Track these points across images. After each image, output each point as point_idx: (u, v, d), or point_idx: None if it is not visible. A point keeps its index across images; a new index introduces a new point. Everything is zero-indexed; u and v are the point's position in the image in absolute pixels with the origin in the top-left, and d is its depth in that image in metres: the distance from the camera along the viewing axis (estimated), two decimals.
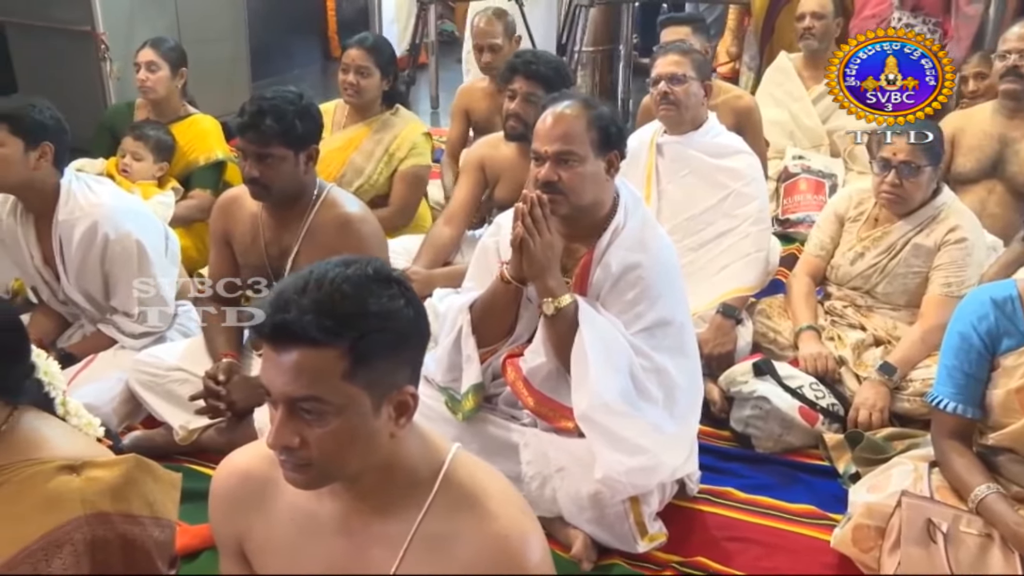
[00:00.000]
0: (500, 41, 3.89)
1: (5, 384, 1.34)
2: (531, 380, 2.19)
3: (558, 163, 2.08)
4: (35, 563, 1.26)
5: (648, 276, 2.12)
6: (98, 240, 2.56)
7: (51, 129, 2.50)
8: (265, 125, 2.30)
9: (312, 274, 1.14)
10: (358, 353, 1.12)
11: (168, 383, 2.54)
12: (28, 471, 1.32)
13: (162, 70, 3.52)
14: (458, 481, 1.25)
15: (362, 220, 2.47)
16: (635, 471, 2.04)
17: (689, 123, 3.01)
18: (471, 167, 3.19)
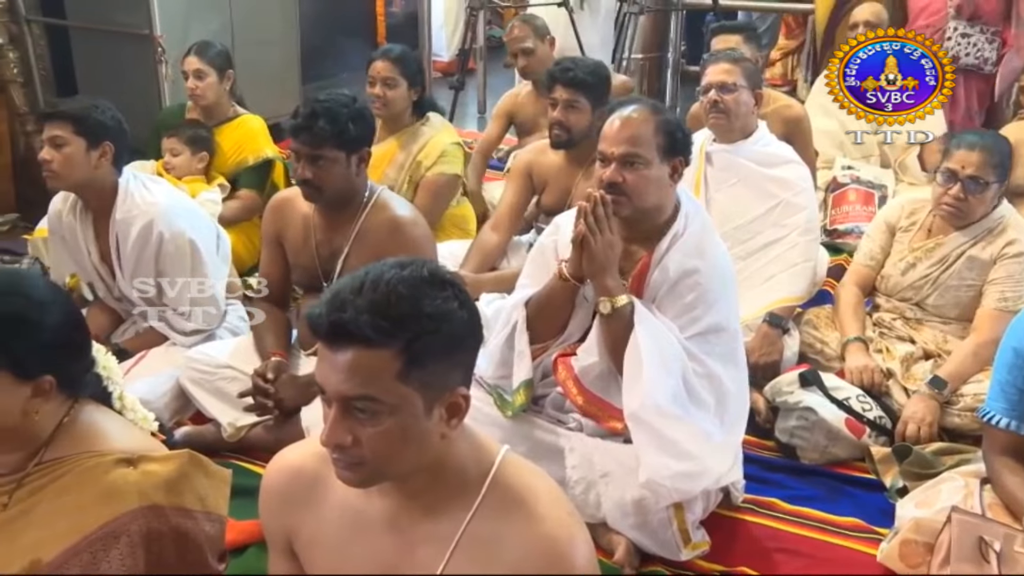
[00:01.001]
0: (531, 44, 3.91)
1: (67, 378, 1.37)
2: (582, 379, 2.20)
3: (623, 165, 2.11)
4: (94, 552, 1.29)
5: (705, 282, 2.13)
6: (153, 238, 2.62)
7: (112, 129, 2.56)
8: (318, 127, 2.34)
9: (368, 275, 1.16)
10: (412, 354, 1.13)
11: (217, 380, 2.58)
12: (88, 463, 1.36)
13: (210, 76, 3.57)
14: (506, 483, 1.25)
15: (413, 223, 2.49)
16: (680, 476, 2.04)
17: (739, 132, 3.00)
18: (518, 173, 3.20)
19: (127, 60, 4.50)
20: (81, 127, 2.51)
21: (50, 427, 1.37)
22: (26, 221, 4.17)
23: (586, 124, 2.97)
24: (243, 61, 4.74)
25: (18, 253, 3.76)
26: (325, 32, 6.08)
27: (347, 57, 6.00)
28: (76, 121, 2.50)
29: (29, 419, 1.33)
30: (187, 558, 1.39)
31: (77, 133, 2.50)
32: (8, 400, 1.30)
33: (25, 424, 1.33)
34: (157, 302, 2.72)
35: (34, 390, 1.32)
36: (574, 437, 2.22)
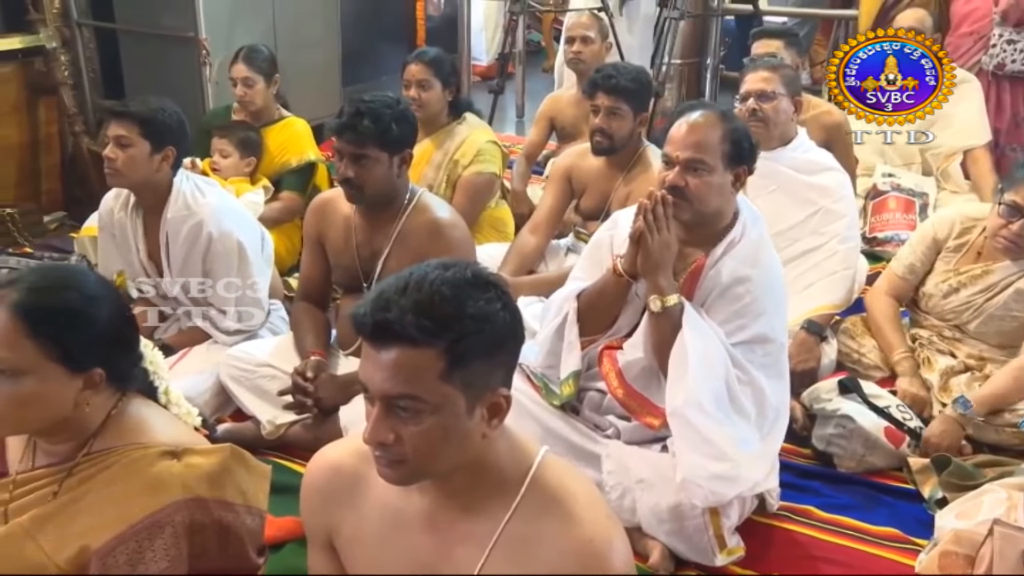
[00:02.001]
0: (593, 35, 3.91)
1: (117, 371, 1.40)
2: (625, 373, 2.21)
3: (687, 169, 2.11)
4: (140, 541, 1.32)
5: (756, 291, 2.14)
6: (202, 238, 2.66)
7: (176, 134, 2.62)
8: (362, 126, 2.37)
9: (412, 276, 1.17)
10: (455, 354, 1.15)
11: (257, 378, 2.62)
12: (134, 455, 1.39)
13: (258, 84, 3.62)
14: (545, 483, 1.26)
15: (452, 225, 2.52)
16: (716, 478, 2.04)
17: (778, 139, 2.98)
18: (558, 177, 3.21)
19: (172, 62, 4.57)
20: (148, 129, 2.55)
21: (99, 419, 1.40)
22: (73, 219, 4.26)
23: (628, 131, 2.98)
24: (285, 63, 4.79)
25: (66, 251, 3.83)
26: (365, 36, 6.13)
27: (386, 60, 6.05)
28: (143, 123, 2.55)
29: (80, 410, 1.36)
30: (228, 550, 1.42)
31: (143, 135, 2.55)
32: (61, 392, 1.34)
33: (76, 415, 1.36)
34: (202, 301, 2.77)
35: (85, 382, 1.35)
36: (611, 444, 2.23)
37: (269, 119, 3.72)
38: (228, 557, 1.43)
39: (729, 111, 2.28)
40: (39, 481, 1.41)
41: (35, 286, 1.35)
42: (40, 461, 1.43)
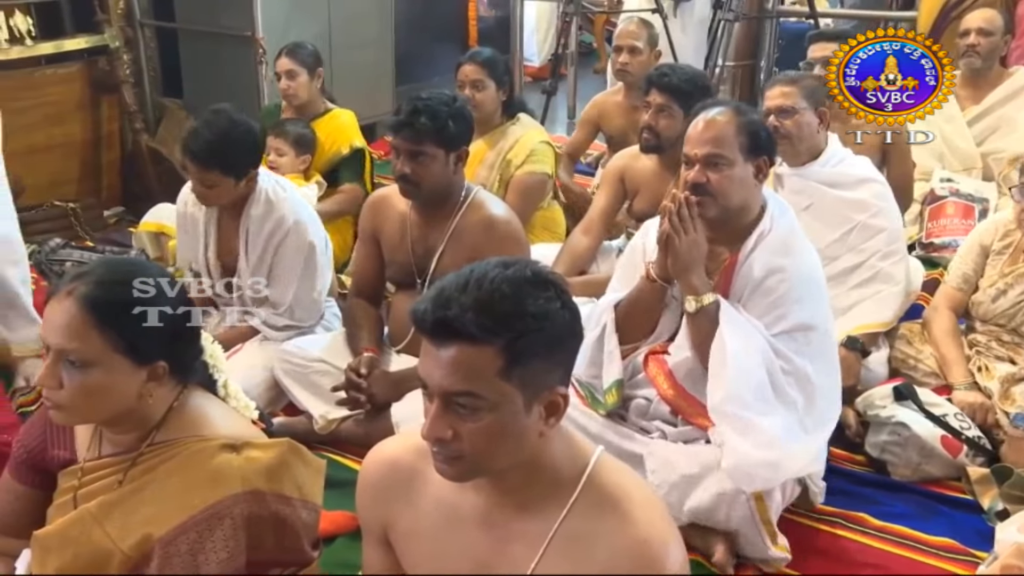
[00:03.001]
0: (641, 45, 3.89)
1: (179, 364, 1.43)
2: (675, 373, 2.21)
3: (707, 166, 2.12)
4: (200, 531, 1.35)
5: (791, 279, 2.13)
6: (279, 234, 2.71)
7: (254, 156, 2.66)
8: (420, 123, 2.39)
9: (472, 273, 1.18)
10: (514, 352, 1.15)
11: (311, 374, 2.65)
12: (195, 447, 1.41)
13: (301, 76, 3.68)
14: (601, 483, 1.26)
15: (507, 223, 2.53)
16: (763, 464, 2.04)
17: (805, 154, 2.87)
18: (611, 178, 3.21)
19: (230, 61, 4.66)
20: (227, 168, 2.59)
21: (161, 410, 1.43)
22: (131, 215, 4.35)
23: (676, 131, 2.92)
24: (340, 63, 4.87)
25: (125, 245, 3.92)
26: (418, 36, 6.17)
27: (439, 61, 6.09)
28: (223, 165, 2.57)
29: (143, 402, 1.39)
30: (284, 543, 1.44)
31: (225, 174, 2.59)
32: (126, 383, 1.37)
33: (140, 406, 1.39)
34: (259, 301, 2.80)
35: (149, 374, 1.39)
36: (653, 443, 2.23)
37: (315, 112, 3.77)
38: (284, 549, 1.45)
39: (743, 105, 2.29)
40: (105, 469, 1.44)
41: (103, 279, 1.38)
42: (106, 450, 1.47)
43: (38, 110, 4.16)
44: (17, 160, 3.94)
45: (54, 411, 1.38)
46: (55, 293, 1.37)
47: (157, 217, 3.59)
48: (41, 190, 4.11)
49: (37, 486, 1.52)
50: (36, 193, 4.06)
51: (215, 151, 2.55)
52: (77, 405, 1.36)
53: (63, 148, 4.31)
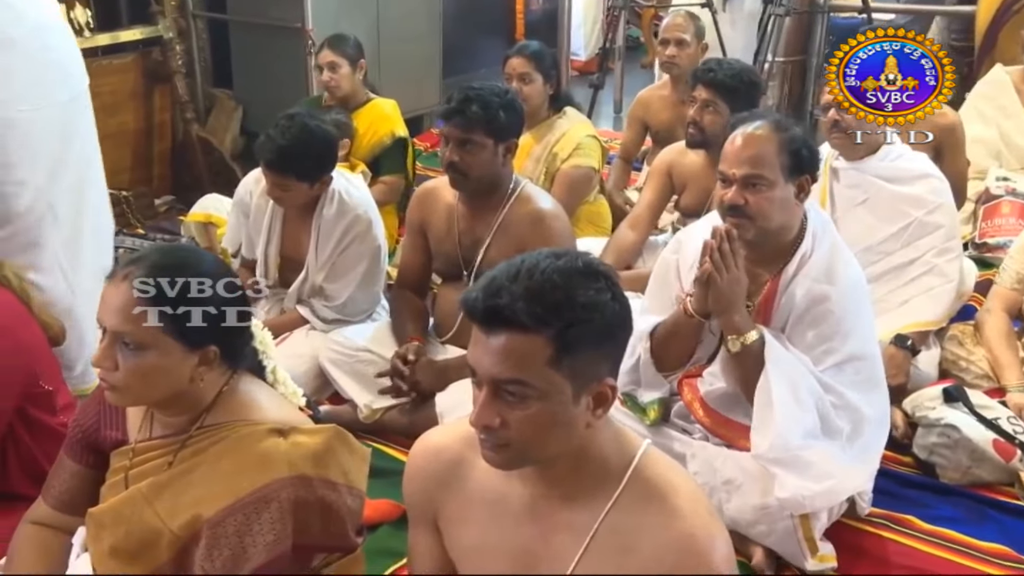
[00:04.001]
0: (688, 38, 3.84)
1: (229, 349, 1.45)
2: (707, 400, 2.18)
3: (746, 187, 2.04)
4: (247, 514, 1.37)
5: (838, 310, 2.06)
6: (351, 234, 2.74)
7: (327, 162, 2.68)
8: (471, 111, 2.40)
9: (524, 263, 1.18)
10: (564, 342, 1.15)
11: (356, 363, 2.67)
12: (243, 430, 1.43)
13: (343, 67, 3.70)
14: (647, 476, 1.26)
15: (555, 217, 2.52)
16: (819, 495, 2.01)
17: (864, 148, 2.81)
18: (658, 173, 3.19)
19: (279, 52, 4.70)
20: (303, 175, 2.62)
21: (211, 394, 1.45)
22: (181, 203, 4.42)
23: (722, 127, 2.88)
24: (387, 56, 4.90)
25: (175, 233, 3.98)
26: (466, 29, 6.19)
27: (486, 54, 6.10)
28: (298, 171, 2.61)
29: (195, 385, 1.41)
30: (329, 528, 1.45)
31: (300, 180, 2.63)
32: (178, 366, 1.39)
33: (191, 389, 1.42)
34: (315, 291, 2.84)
35: (200, 358, 1.41)
36: (696, 444, 2.21)
37: (357, 103, 3.79)
38: (329, 535, 1.46)
39: (784, 119, 2.16)
40: (156, 451, 1.47)
41: (157, 264, 1.41)
42: (157, 432, 1.49)
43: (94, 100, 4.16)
44: None
45: (109, 391, 1.41)
46: (111, 277, 1.40)
47: (205, 207, 3.64)
48: None
49: (91, 465, 1.56)
50: None
51: (289, 158, 2.59)
52: (131, 386, 1.39)
53: (116, 137, 4.39)
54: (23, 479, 1.85)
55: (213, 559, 1.37)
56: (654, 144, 3.98)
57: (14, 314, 1.80)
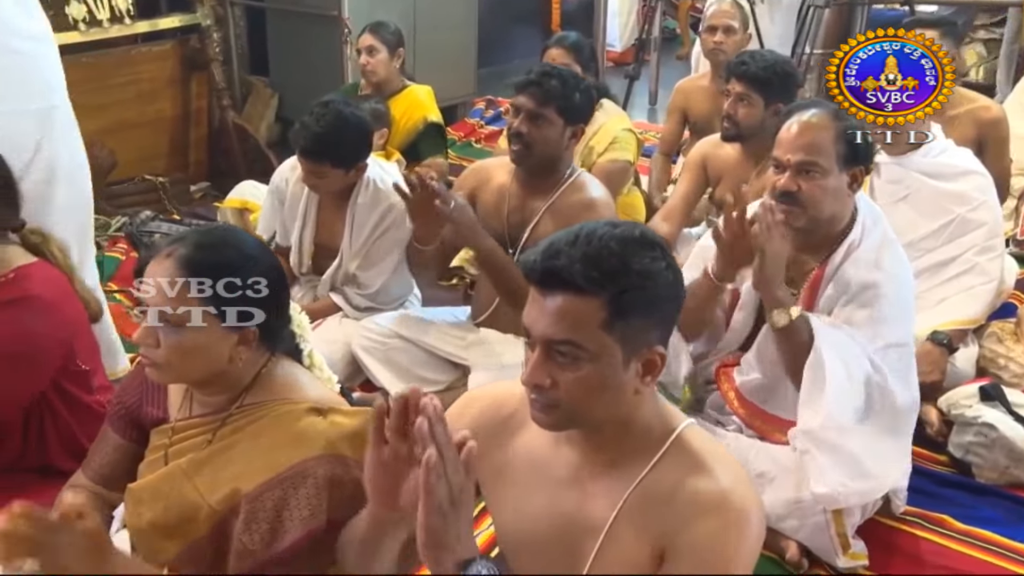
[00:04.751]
0: (736, 25, 3.81)
1: (269, 330, 1.46)
2: (743, 391, 2.17)
3: (799, 173, 2.03)
4: (285, 489, 1.38)
5: (884, 298, 2.05)
6: (387, 220, 2.76)
7: (362, 149, 2.70)
8: (550, 85, 2.42)
9: (583, 229, 1.20)
10: (618, 306, 1.17)
11: (388, 350, 2.69)
12: (282, 409, 1.45)
13: (381, 53, 3.73)
14: (688, 444, 1.27)
15: (606, 205, 2.54)
16: (858, 493, 2.00)
17: (906, 143, 2.78)
18: (693, 165, 3.17)
19: (315, 40, 4.73)
20: (339, 161, 2.64)
21: (251, 374, 1.46)
22: (216, 190, 4.46)
23: (756, 120, 2.89)
24: (423, 45, 4.90)
25: (210, 219, 4.01)
26: (502, 19, 6.19)
27: (522, 44, 6.10)
28: (333, 158, 2.63)
29: (234, 365, 1.42)
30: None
31: (335, 166, 2.65)
32: (218, 345, 1.40)
33: (230, 369, 1.43)
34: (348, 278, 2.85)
35: (240, 338, 1.42)
36: (729, 436, 2.20)
37: (392, 90, 3.81)
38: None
39: (841, 109, 2.15)
40: (195, 429, 1.48)
41: (200, 243, 1.42)
42: (196, 411, 1.51)
43: (133, 87, 4.29)
44: (111, 135, 4.09)
45: (150, 369, 1.42)
46: (155, 255, 1.41)
47: (241, 193, 3.67)
48: (132, 164, 4.25)
49: (133, 440, 1.58)
50: (128, 167, 4.19)
51: (324, 145, 2.61)
52: (172, 363, 1.40)
53: (154, 124, 4.44)
54: (62, 454, 1.88)
55: (251, 532, 1.38)
56: (692, 135, 3.95)
57: (61, 290, 1.83)
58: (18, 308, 1.77)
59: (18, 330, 1.75)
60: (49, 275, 1.83)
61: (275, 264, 1.49)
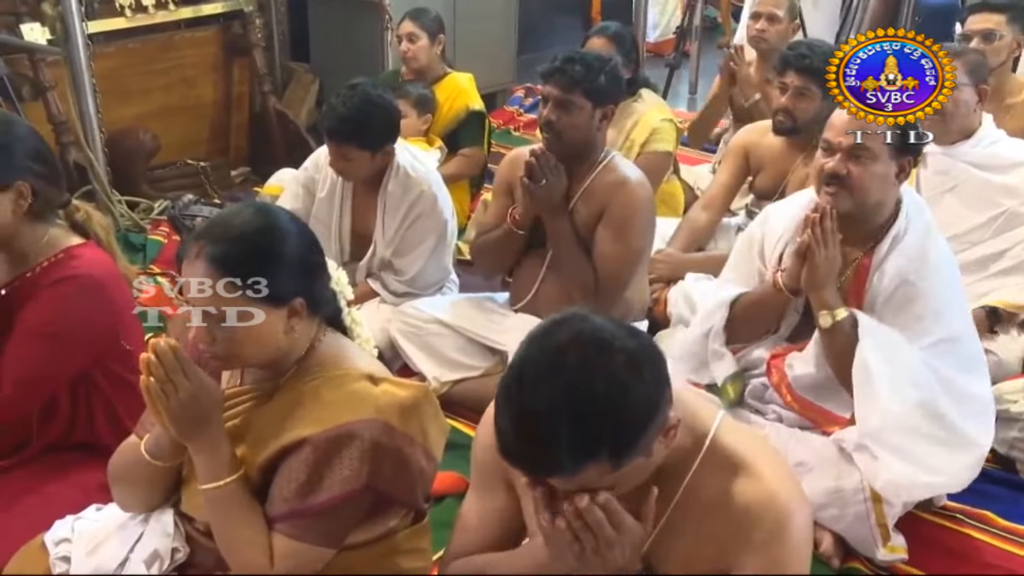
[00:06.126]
0: (781, 13, 3.73)
1: (313, 298, 1.47)
2: (795, 387, 2.15)
3: (850, 157, 2.02)
4: (329, 447, 1.40)
5: (931, 290, 2.03)
6: (417, 209, 2.76)
7: (390, 131, 2.70)
8: (573, 70, 2.42)
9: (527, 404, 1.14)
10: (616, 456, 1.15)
11: (427, 335, 2.70)
12: (336, 373, 1.47)
13: (422, 40, 3.73)
14: (724, 446, 1.26)
15: (639, 185, 2.53)
16: (925, 486, 2.00)
17: (957, 133, 2.74)
18: (734, 154, 3.14)
19: (356, 26, 4.74)
20: (364, 142, 2.65)
21: (304, 345, 1.49)
22: (256, 175, 4.50)
23: (814, 113, 2.81)
24: (463, 34, 4.90)
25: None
26: (542, 7, 6.16)
27: (561, 32, 6.07)
28: (361, 140, 2.65)
29: (290, 338, 1.45)
30: (400, 481, 1.47)
31: (361, 148, 2.66)
32: (272, 325, 1.42)
33: (288, 342, 1.45)
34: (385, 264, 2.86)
35: (289, 312, 1.43)
36: (767, 426, 2.19)
37: (434, 77, 3.81)
38: (398, 487, 1.48)
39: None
40: (244, 396, 1.51)
41: (226, 236, 1.41)
42: (247, 379, 1.54)
43: (176, 72, 4.33)
44: (154, 119, 4.15)
45: (214, 362, 1.44)
46: (186, 256, 1.42)
47: (280, 180, 3.69)
48: (175, 149, 4.29)
49: None
50: (170, 151, 4.24)
51: (350, 126, 2.62)
52: (233, 354, 1.43)
53: (196, 109, 4.48)
54: (108, 431, 1.91)
55: (290, 481, 1.41)
56: (734, 122, 3.91)
57: (107, 271, 1.85)
58: (65, 287, 1.79)
59: (65, 309, 1.77)
60: (97, 257, 1.85)
61: (306, 231, 1.50)
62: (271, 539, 1.42)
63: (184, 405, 1.39)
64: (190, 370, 1.39)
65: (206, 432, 1.43)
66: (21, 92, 3.66)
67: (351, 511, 1.44)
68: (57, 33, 3.59)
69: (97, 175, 3.71)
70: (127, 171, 4.00)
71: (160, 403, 1.39)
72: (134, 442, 1.55)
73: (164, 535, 1.54)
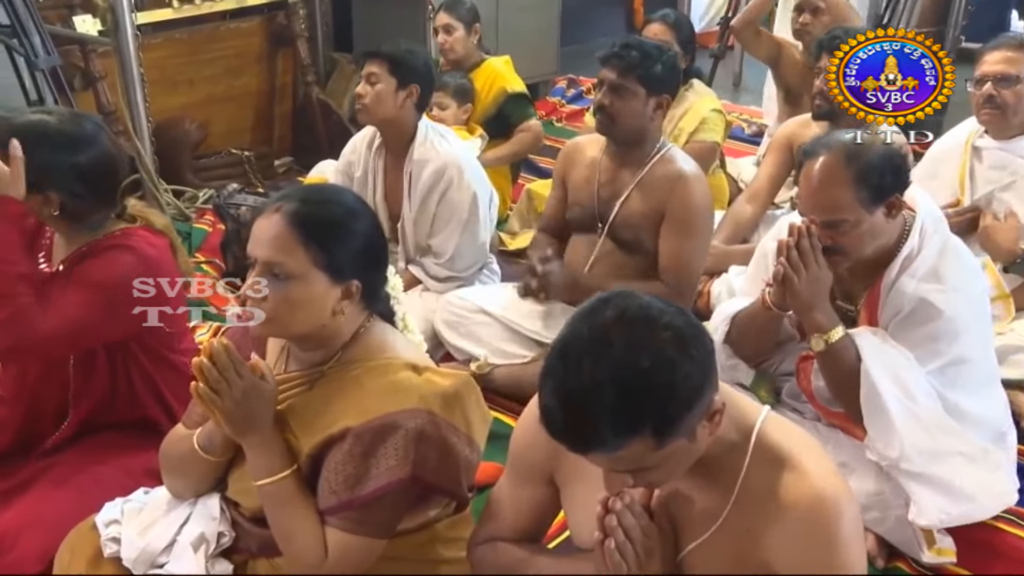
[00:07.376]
0: (823, 6, 3.71)
1: (370, 286, 1.49)
2: (817, 396, 2.11)
3: (829, 229, 1.93)
4: (374, 436, 1.41)
5: (947, 310, 1.95)
6: (443, 182, 2.78)
7: (421, 74, 2.77)
8: (630, 55, 2.43)
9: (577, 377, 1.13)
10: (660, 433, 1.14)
11: (472, 324, 2.71)
12: (380, 362, 1.48)
13: (458, 31, 3.75)
14: (770, 442, 1.25)
15: (696, 178, 2.52)
16: (961, 516, 1.96)
17: (1017, 127, 2.66)
18: (779, 146, 3.12)
19: (398, 18, 4.76)
20: (395, 67, 2.72)
21: (349, 332, 1.50)
22: (299, 165, 4.53)
23: None
24: (506, 24, 4.90)
25: None
26: None
27: (604, 22, 6.04)
28: (392, 62, 2.73)
29: (336, 320, 1.46)
30: (444, 470, 1.48)
31: (391, 72, 2.72)
32: (323, 298, 1.43)
33: (332, 324, 1.46)
34: (424, 246, 2.88)
35: (343, 292, 1.45)
36: (807, 424, 2.16)
37: (471, 65, 3.82)
38: (443, 476, 1.48)
39: (853, 144, 1.93)
40: (290, 382, 1.52)
41: (307, 199, 1.47)
42: (292, 367, 1.55)
43: (221, 62, 4.38)
44: (201, 109, 4.20)
45: (255, 322, 1.44)
46: (263, 211, 1.45)
47: (322, 171, 3.71)
48: (220, 138, 4.35)
49: None
50: (215, 141, 4.30)
51: (385, 48, 2.74)
52: (279, 316, 1.43)
53: (240, 99, 4.53)
54: (156, 408, 1.94)
55: (338, 473, 1.42)
56: (785, 103, 3.85)
57: (160, 252, 1.87)
58: (125, 255, 1.81)
59: (120, 272, 1.77)
60: (153, 239, 1.88)
61: (375, 220, 1.53)
62: (325, 532, 1.44)
63: (238, 403, 1.41)
64: (243, 368, 1.41)
65: (260, 429, 1.45)
66: (72, 82, 3.73)
67: (398, 500, 1.45)
68: (107, 24, 3.64)
69: (144, 164, 3.77)
70: (173, 160, 4.07)
71: (214, 403, 1.41)
72: (186, 434, 1.57)
73: (210, 519, 1.56)
